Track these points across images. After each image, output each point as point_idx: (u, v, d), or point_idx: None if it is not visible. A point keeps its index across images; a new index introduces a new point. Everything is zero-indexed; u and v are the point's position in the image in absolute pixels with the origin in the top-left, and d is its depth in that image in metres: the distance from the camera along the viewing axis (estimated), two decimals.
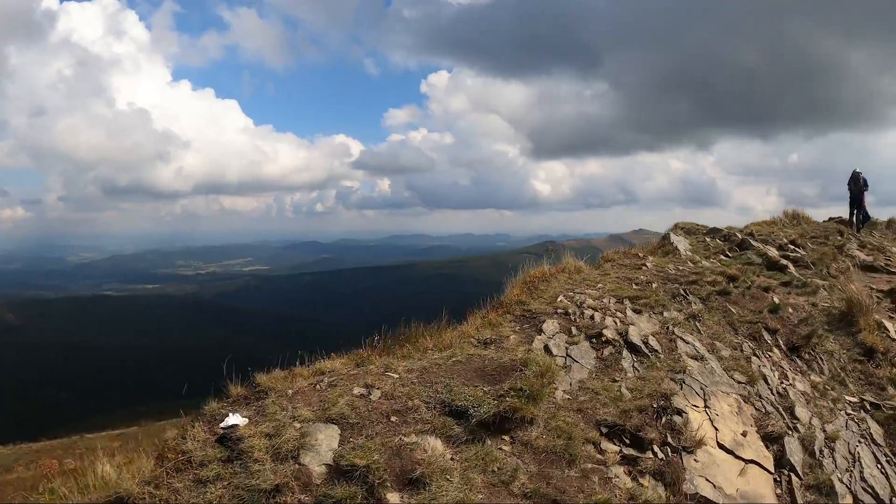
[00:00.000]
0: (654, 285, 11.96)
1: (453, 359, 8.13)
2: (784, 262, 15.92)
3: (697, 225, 19.21)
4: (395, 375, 7.56)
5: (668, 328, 10.03)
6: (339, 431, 6.29)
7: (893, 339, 14.22)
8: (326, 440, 6.12)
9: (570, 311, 9.81)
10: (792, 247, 18.36)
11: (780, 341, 11.42)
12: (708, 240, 17.33)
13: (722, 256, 15.98)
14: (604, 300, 10.51)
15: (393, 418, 6.61)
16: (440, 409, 6.82)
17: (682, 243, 16.13)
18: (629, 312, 10.17)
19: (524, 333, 9.14)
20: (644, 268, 13.19)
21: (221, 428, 6.43)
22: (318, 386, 7.24)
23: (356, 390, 7.04)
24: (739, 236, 17.31)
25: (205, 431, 6.40)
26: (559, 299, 10.30)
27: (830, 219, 36.88)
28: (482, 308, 11.49)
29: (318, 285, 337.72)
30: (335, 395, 6.84)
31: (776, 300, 12.75)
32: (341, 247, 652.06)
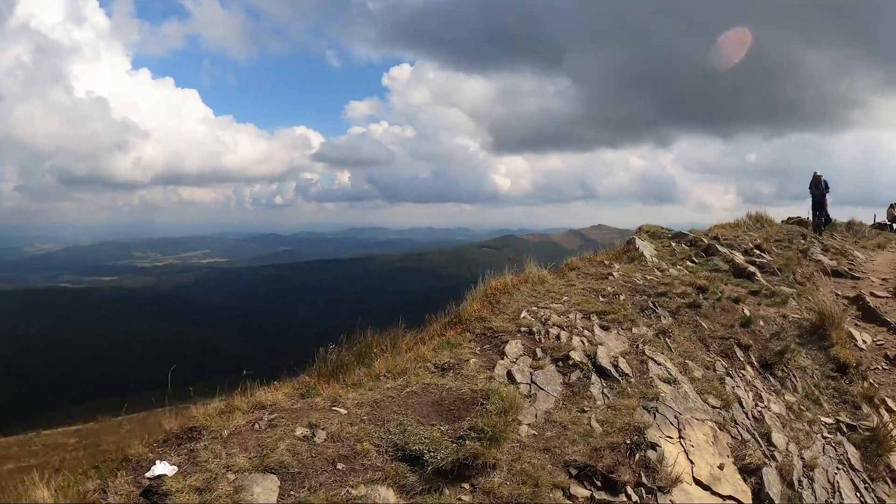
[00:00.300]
0: (621, 297, 11.31)
1: (408, 389, 7.36)
2: (751, 268, 15.46)
3: (662, 228, 18.68)
4: (343, 411, 6.78)
5: (637, 346, 9.38)
6: (279, 483, 5.49)
7: (862, 349, 13.85)
8: (263, 494, 5.32)
9: (534, 329, 9.08)
10: (758, 252, 17.96)
11: (753, 358, 10.88)
12: (674, 244, 16.78)
13: (688, 262, 15.46)
14: (570, 316, 9.81)
15: (339, 465, 5.83)
16: (393, 454, 6.05)
17: (647, 249, 15.55)
18: (597, 330, 9.49)
19: (485, 356, 8.39)
20: (611, 277, 12.53)
21: (147, 478, 5.63)
22: (256, 425, 6.42)
23: (299, 431, 6.24)
24: (705, 241, 16.81)
25: (128, 483, 5.56)
26: (522, 315, 9.57)
27: (789, 218, 36.90)
28: (440, 317, 10.80)
29: (277, 278, 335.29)
30: (275, 438, 6.02)
31: (747, 312, 12.24)
32: (301, 239, 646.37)
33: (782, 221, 40.59)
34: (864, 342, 14.98)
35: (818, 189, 26.43)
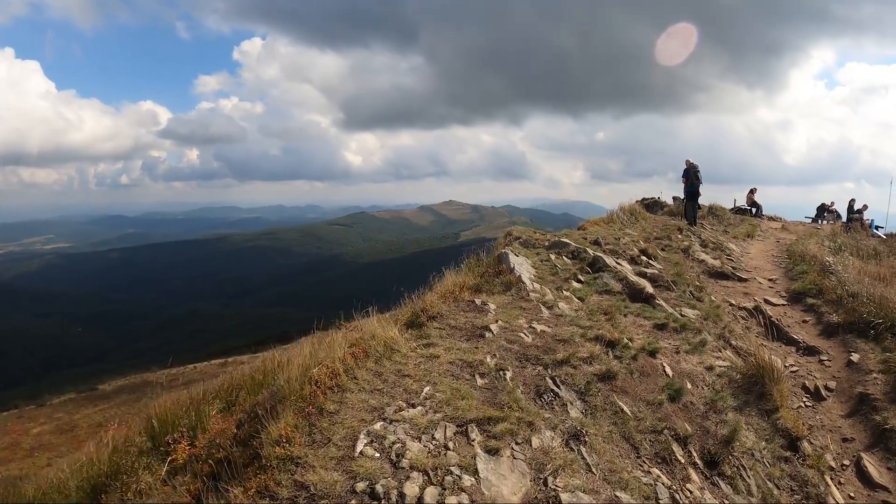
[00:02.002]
0: (508, 375, 7.42)
1: None
2: (648, 288, 12.21)
3: (535, 233, 15.16)
4: None
5: (546, 483, 5.59)
6: None
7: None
8: None
9: (378, 486, 5.00)
10: (645, 259, 14.86)
11: (695, 454, 7.37)
12: (553, 257, 13.23)
13: (574, 283, 11.97)
14: (436, 435, 5.82)
15: None
16: None
17: (524, 268, 11.90)
18: (482, 461, 5.54)
19: None
20: (488, 334, 8.62)
21: None
22: None
23: None
24: (590, 253, 13.36)
25: None
26: (360, 448, 5.45)
27: (643, 199, 34.98)
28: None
29: (124, 262, 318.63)
30: None
31: (669, 372, 8.74)
32: (149, 221, 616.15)
33: (636, 202, 38.56)
34: None
35: (697, 179, 23.92)
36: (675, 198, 34.93)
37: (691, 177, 23.68)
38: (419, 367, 7.31)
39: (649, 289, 12.01)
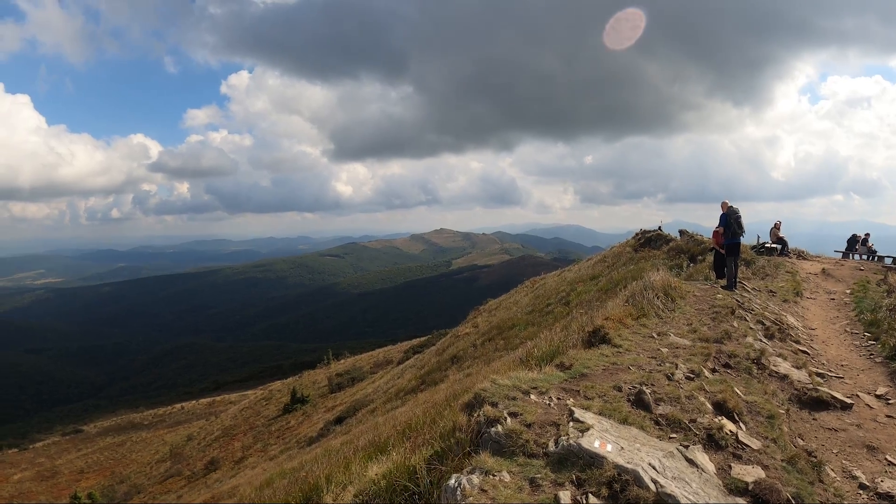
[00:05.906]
0: None
1: None
2: None
3: (525, 400, 7.15)
4: None
5: None
6: None
7: None
8: None
9: None
10: (728, 428, 7.09)
11: None
12: (564, 499, 5.07)
13: None
14: None
15: None
16: None
17: None
18: None
19: None
20: None
21: None
22: None
23: None
24: (650, 485, 5.31)
25: None
26: None
27: (643, 232, 29.04)
28: None
29: (116, 296, 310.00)
30: None
31: None
32: (140, 254, 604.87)
33: (636, 237, 31.50)
34: None
35: (740, 227, 16.35)
36: (681, 231, 29.00)
37: (731, 224, 16.05)
38: None
39: None
